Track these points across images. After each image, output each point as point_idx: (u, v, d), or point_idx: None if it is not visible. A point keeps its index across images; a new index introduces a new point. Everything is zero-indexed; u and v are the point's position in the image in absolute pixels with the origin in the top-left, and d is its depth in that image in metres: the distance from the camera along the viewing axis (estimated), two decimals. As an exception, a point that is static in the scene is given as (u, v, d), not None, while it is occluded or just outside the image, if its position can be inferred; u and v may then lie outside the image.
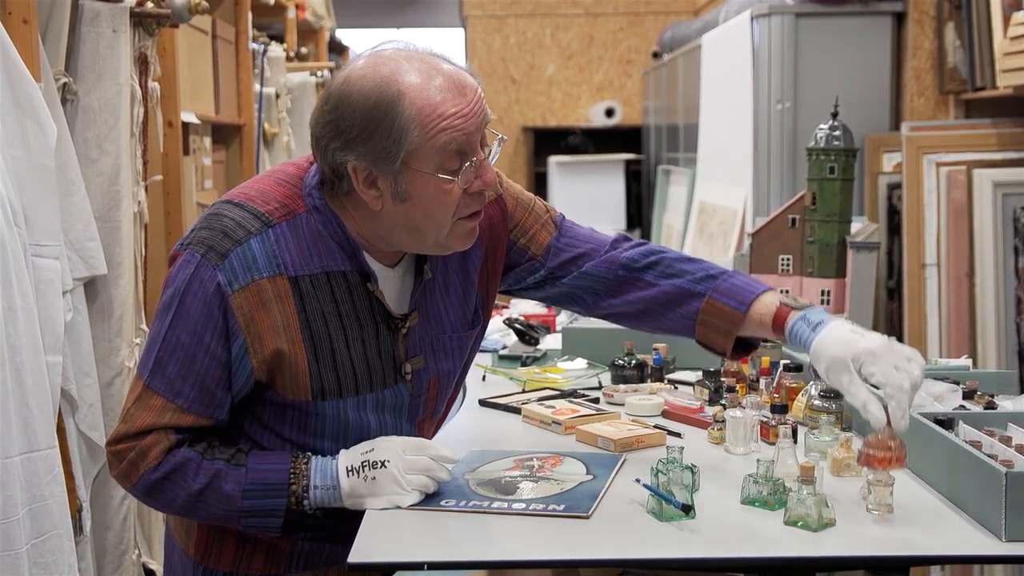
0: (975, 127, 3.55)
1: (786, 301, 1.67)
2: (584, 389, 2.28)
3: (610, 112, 7.93)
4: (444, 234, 1.56)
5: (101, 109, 2.40)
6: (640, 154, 7.55)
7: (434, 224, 1.55)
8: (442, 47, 1.57)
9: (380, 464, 1.54)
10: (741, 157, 4.25)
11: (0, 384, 1.86)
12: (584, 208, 7.36)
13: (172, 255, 1.57)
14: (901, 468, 1.51)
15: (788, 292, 1.71)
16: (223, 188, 3.78)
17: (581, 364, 2.49)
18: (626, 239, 1.82)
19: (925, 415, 1.70)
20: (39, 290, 2.06)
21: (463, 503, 1.56)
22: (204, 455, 1.55)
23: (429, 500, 1.56)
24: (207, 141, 3.62)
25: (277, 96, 4.54)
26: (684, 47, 5.76)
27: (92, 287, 2.40)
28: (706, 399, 2.11)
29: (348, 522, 1.56)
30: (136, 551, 2.49)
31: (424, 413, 1.71)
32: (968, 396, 1.88)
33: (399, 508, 1.54)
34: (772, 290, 1.72)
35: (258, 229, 1.53)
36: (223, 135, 4.05)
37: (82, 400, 2.29)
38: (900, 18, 3.93)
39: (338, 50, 7.05)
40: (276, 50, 4.61)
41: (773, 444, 1.75)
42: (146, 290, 2.60)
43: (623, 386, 2.23)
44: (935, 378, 1.93)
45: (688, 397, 2.13)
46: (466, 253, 1.70)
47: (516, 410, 2.11)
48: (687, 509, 1.49)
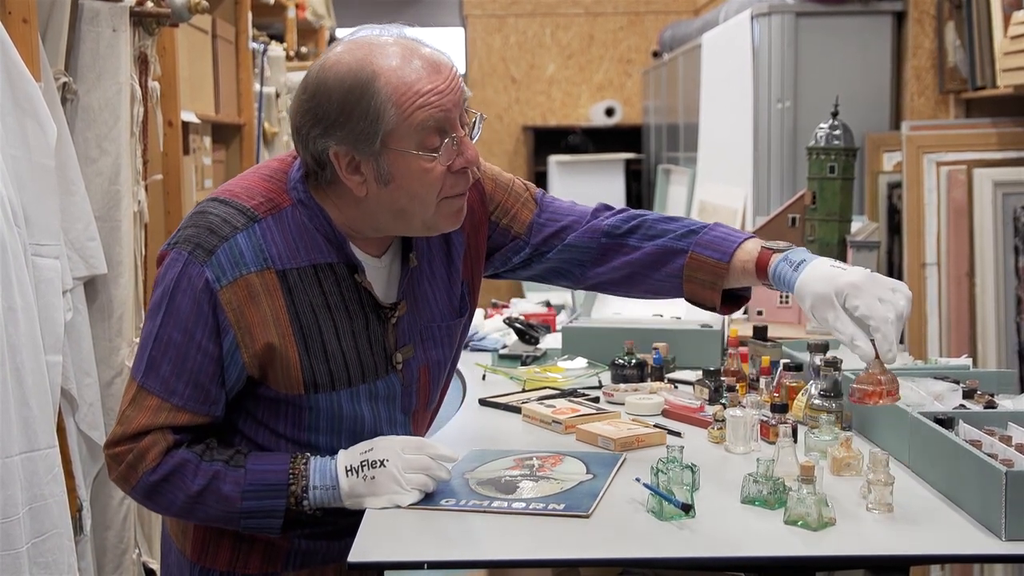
0: (975, 126, 3.54)
1: (768, 244, 1.67)
2: (584, 388, 2.28)
3: (610, 111, 7.93)
4: (431, 214, 1.56)
5: (101, 108, 2.40)
6: (640, 153, 7.55)
7: (420, 204, 1.55)
8: (442, 46, 1.57)
9: (379, 463, 1.54)
10: (741, 156, 4.25)
11: (0, 383, 1.86)
12: (584, 207, 7.36)
13: (160, 255, 1.57)
14: (893, 402, 1.48)
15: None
16: (223, 187, 3.77)
17: (581, 363, 2.48)
18: (607, 208, 1.82)
19: (925, 414, 1.70)
20: (39, 290, 2.06)
21: (463, 502, 1.56)
22: (203, 456, 1.54)
23: (429, 499, 1.56)
24: (207, 140, 3.62)
25: (277, 95, 4.54)
26: (684, 46, 5.76)
27: (92, 286, 2.40)
28: (706, 398, 2.11)
29: (345, 520, 1.56)
30: (136, 550, 2.49)
31: (417, 404, 1.71)
32: (968, 395, 1.87)
33: (399, 507, 1.53)
34: (753, 237, 1.71)
35: (244, 224, 1.53)
36: (223, 135, 4.05)
37: (82, 399, 2.29)
38: (900, 17, 3.93)
39: (338, 49, 7.05)
40: (276, 49, 4.61)
41: (773, 443, 1.75)
42: (146, 289, 2.60)
43: (623, 385, 2.23)
44: (935, 377, 1.93)
45: (688, 396, 2.13)
46: (448, 240, 1.70)
47: (516, 409, 2.10)
48: (687, 508, 1.49)
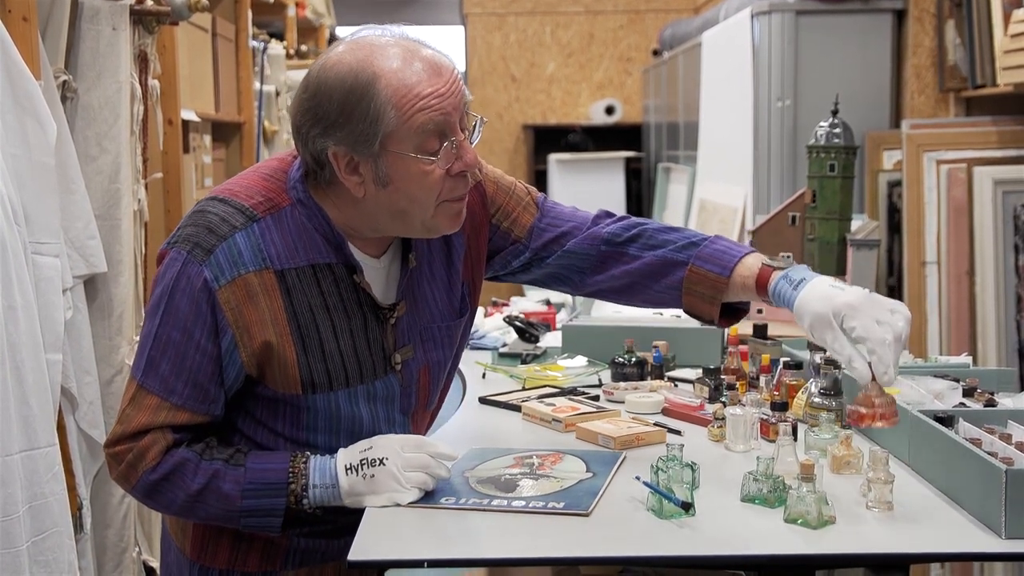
0: (975, 125, 3.54)
1: (768, 262, 1.67)
2: (584, 387, 2.28)
3: (610, 110, 7.93)
4: (429, 216, 1.56)
5: (101, 107, 2.40)
6: (640, 152, 7.55)
7: (418, 207, 1.54)
8: (442, 45, 1.57)
9: (379, 462, 1.54)
10: (741, 155, 4.25)
11: (0, 382, 1.86)
12: (584, 206, 7.32)
13: (160, 254, 1.57)
14: (889, 426, 1.47)
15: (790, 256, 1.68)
16: (223, 186, 3.78)
17: (581, 362, 2.48)
18: (608, 215, 1.82)
19: (925, 412, 1.70)
20: (39, 288, 2.07)
21: (463, 501, 1.55)
22: (202, 455, 1.55)
23: (428, 498, 1.56)
24: (207, 139, 3.62)
25: (277, 94, 4.54)
26: (684, 45, 5.76)
27: (92, 285, 2.40)
28: (706, 397, 2.11)
29: (344, 519, 1.56)
30: (136, 549, 2.49)
31: (416, 404, 1.71)
32: (968, 393, 1.88)
33: (398, 506, 1.53)
34: (754, 252, 1.71)
35: (243, 224, 1.53)
36: (223, 133, 4.05)
37: (82, 398, 2.29)
38: (900, 15, 3.93)
39: (338, 48, 7.05)
40: (276, 48, 4.61)
41: (773, 442, 1.75)
42: (146, 288, 2.60)
43: (623, 384, 2.23)
44: (935, 375, 1.93)
45: (688, 395, 2.13)
46: (448, 242, 1.70)
47: (516, 408, 2.10)
48: (687, 507, 1.49)
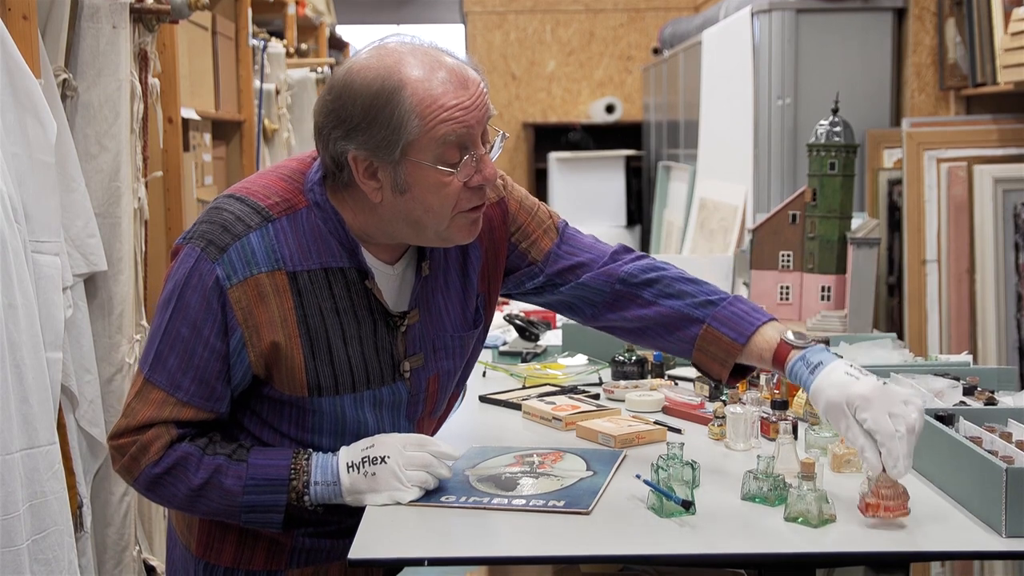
0: (976, 123, 3.54)
1: (788, 340, 1.63)
2: (584, 385, 2.28)
3: (610, 108, 7.93)
4: (444, 227, 1.56)
5: (101, 105, 2.40)
6: (640, 150, 7.55)
7: (434, 217, 1.54)
8: (442, 43, 1.57)
9: (380, 460, 1.54)
10: (742, 153, 4.25)
11: (0, 380, 1.86)
12: (584, 205, 7.36)
13: (174, 249, 1.58)
14: (897, 517, 1.46)
15: (802, 335, 1.66)
16: (223, 184, 3.78)
17: (581, 360, 2.49)
18: (627, 251, 1.80)
19: (925, 411, 1.69)
20: (39, 286, 2.06)
21: (463, 499, 1.56)
22: (205, 450, 1.55)
23: (429, 496, 1.56)
24: (207, 137, 3.62)
25: (277, 92, 4.54)
26: (685, 43, 5.76)
27: (92, 283, 2.40)
28: (706, 395, 2.11)
29: (348, 518, 1.56)
30: (136, 547, 2.49)
31: (423, 411, 1.71)
32: (968, 392, 1.88)
33: (399, 504, 1.53)
34: (773, 320, 1.68)
35: (258, 224, 1.54)
36: (223, 131, 4.04)
37: (82, 396, 2.29)
38: (901, 14, 3.93)
39: (338, 46, 7.06)
40: (276, 46, 4.61)
41: (774, 440, 1.75)
42: (146, 286, 2.60)
43: (623, 382, 2.23)
44: (935, 374, 1.93)
45: (688, 393, 2.13)
46: (465, 253, 1.70)
47: (516, 406, 2.10)
48: (687, 505, 1.49)
